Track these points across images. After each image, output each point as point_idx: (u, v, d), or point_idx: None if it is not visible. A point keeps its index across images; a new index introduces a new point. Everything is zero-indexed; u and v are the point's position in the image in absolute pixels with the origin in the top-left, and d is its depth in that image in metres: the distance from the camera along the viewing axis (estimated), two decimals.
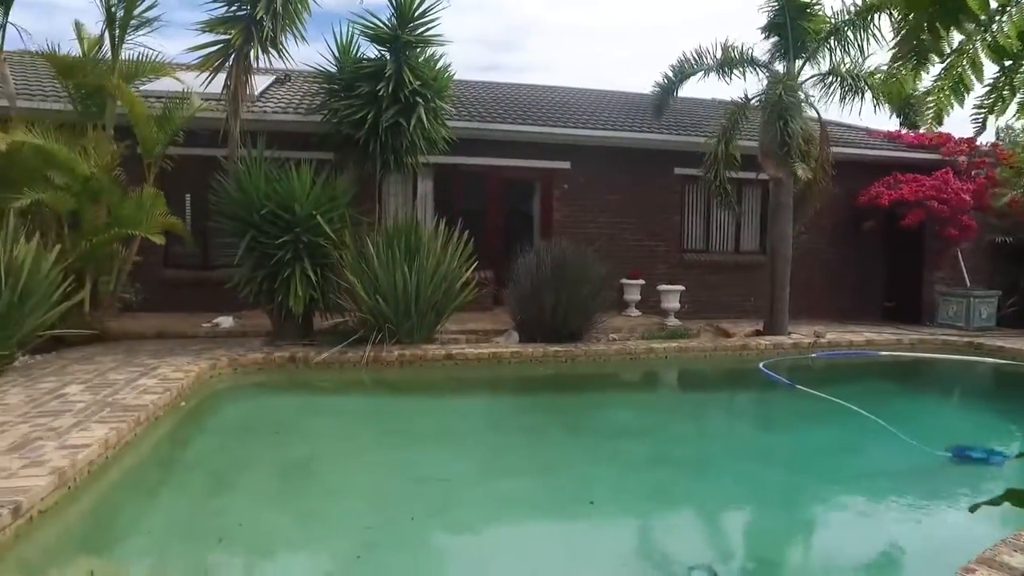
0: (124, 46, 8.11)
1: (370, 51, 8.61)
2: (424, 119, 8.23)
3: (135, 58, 8.31)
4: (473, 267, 7.95)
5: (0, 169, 6.77)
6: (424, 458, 5.08)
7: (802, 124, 8.86)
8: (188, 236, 8.35)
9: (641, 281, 10.88)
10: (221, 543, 3.47)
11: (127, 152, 7.94)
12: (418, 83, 8.05)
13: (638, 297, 10.91)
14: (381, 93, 7.82)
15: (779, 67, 9.57)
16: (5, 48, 7.72)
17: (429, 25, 8.38)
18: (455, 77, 9.18)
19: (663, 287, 10.63)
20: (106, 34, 8.01)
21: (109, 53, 8.04)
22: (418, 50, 8.42)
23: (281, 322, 7.51)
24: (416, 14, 8.20)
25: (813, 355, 8.22)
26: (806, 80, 9.54)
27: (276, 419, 5.93)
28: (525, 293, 7.95)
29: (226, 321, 8.48)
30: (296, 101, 10.45)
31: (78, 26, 8.36)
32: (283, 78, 11.59)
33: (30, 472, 3.46)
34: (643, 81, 41.96)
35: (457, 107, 10.12)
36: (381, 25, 8.19)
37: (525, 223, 12.17)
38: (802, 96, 9.19)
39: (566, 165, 11.23)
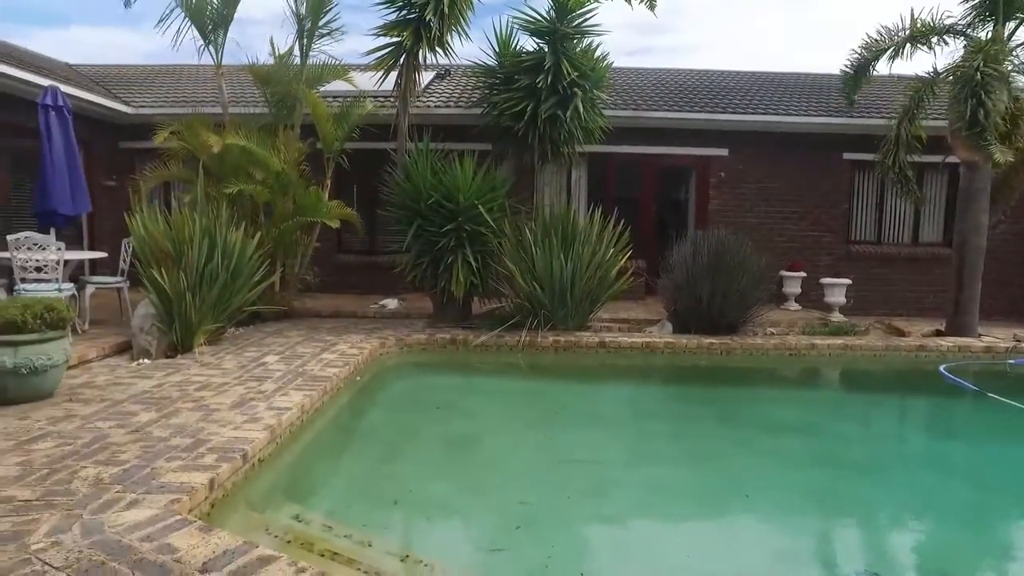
0: (310, 54, 9.00)
1: (528, 44, 8.86)
2: (581, 109, 8.34)
3: (319, 64, 9.20)
4: (627, 256, 7.96)
5: (215, 166, 7.85)
6: (577, 441, 5.22)
7: (1008, 98, 7.77)
8: (359, 224, 9.11)
9: (802, 273, 10.28)
10: (396, 505, 3.84)
11: (310, 149, 8.82)
12: (576, 74, 8.16)
13: (798, 290, 10.32)
14: (540, 85, 8.03)
15: (981, 34, 8.46)
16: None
17: (587, 15, 8.45)
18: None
19: (827, 280, 9.96)
20: (296, 44, 8.92)
21: (298, 61, 8.95)
22: (575, 41, 8.52)
23: (442, 305, 8.02)
24: (574, 5, 8.30)
25: (1012, 361, 7.32)
26: (1017, 47, 8.40)
27: (438, 396, 6.40)
28: (680, 283, 7.84)
29: (391, 303, 9.19)
30: (456, 95, 10.99)
31: (272, 42, 9.40)
32: (443, 73, 12.20)
33: (250, 427, 4.05)
34: (802, 61, 39.11)
35: (611, 95, 10.11)
36: (540, 18, 8.38)
37: (678, 212, 11.92)
38: (1010, 66, 8.08)
39: (723, 152, 10.84)
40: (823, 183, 10.86)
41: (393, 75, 8.61)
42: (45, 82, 7.99)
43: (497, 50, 9.03)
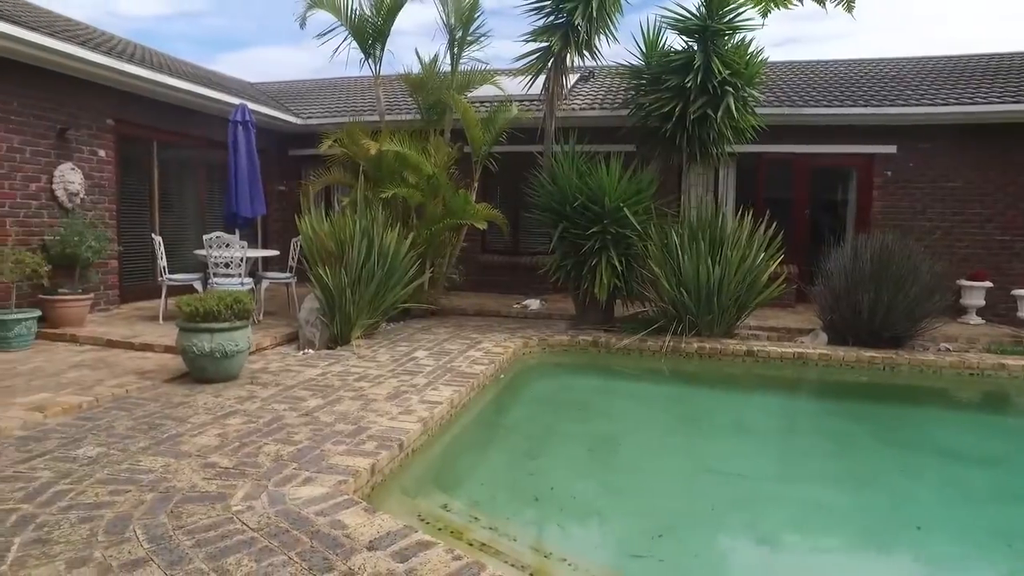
0: (460, 61, 9.39)
1: (676, 43, 8.64)
2: (733, 109, 8.01)
3: (467, 71, 9.57)
4: (778, 261, 7.53)
5: (372, 170, 8.43)
6: (722, 450, 5.03)
7: None
8: (505, 225, 9.35)
9: (987, 283, 9.15)
10: (537, 502, 3.91)
11: (458, 153, 9.19)
12: (727, 72, 7.84)
13: (982, 302, 9.21)
14: (688, 85, 7.80)
15: None
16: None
17: (739, 10, 8.10)
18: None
19: (1021, 292, 8.80)
20: (447, 53, 9.35)
21: (448, 68, 9.37)
22: (726, 37, 8.19)
23: (584, 307, 8.04)
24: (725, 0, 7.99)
25: None
26: None
27: (580, 397, 6.44)
28: (837, 291, 7.28)
29: (534, 303, 9.36)
30: (601, 97, 10.97)
31: (417, 52, 9.90)
32: (587, 75, 12.23)
33: (404, 418, 4.32)
34: (987, 38, 34.77)
35: (764, 91, 9.61)
36: (689, 15, 8.14)
37: (834, 214, 11.08)
38: None
39: (891, 149, 9.93)
40: (1015, 181, 9.60)
41: (541, 79, 8.77)
42: (236, 101, 9.00)
43: (644, 50, 8.89)
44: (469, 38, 9.26)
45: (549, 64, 8.49)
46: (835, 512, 4.02)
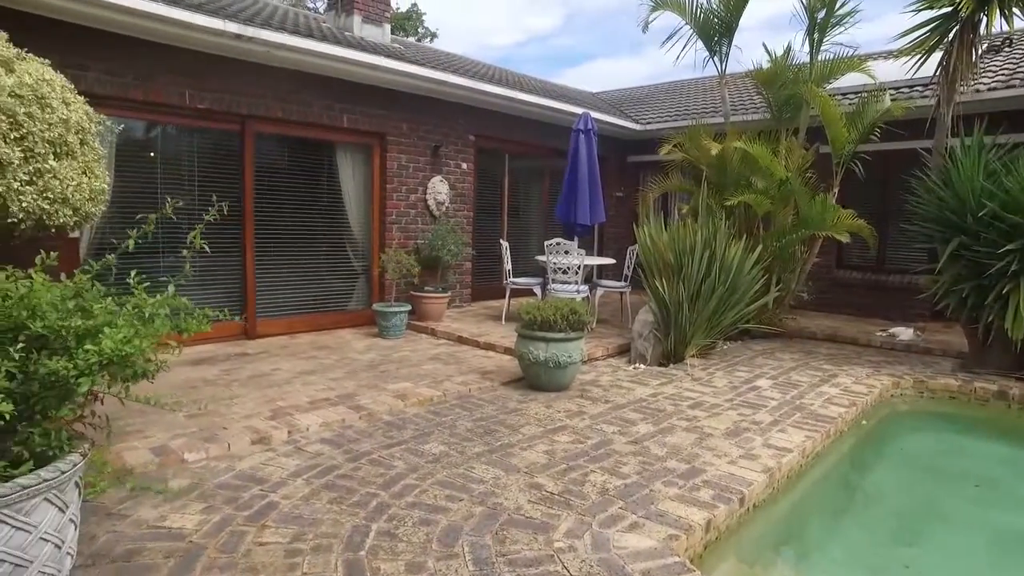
0: (820, 49, 8.16)
1: None
2: None
3: (828, 60, 8.27)
4: None
5: (714, 177, 7.82)
6: None
7: None
8: (872, 237, 7.87)
9: None
10: None
11: (815, 155, 8.00)
12: None
13: None
14: None
15: None
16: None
17: None
18: None
19: None
20: (804, 41, 8.21)
21: (803, 59, 8.22)
22: None
23: (984, 345, 6.23)
24: None
25: None
26: None
27: (973, 466, 4.92)
28: None
29: (904, 333, 7.67)
30: (1022, 71, 8.51)
31: (765, 45, 8.88)
32: (1000, 44, 9.64)
33: (745, 464, 3.72)
34: None
35: None
36: None
37: None
38: None
39: None
40: None
41: (934, 58, 7.09)
42: (579, 110, 9.27)
43: None
44: (832, 19, 7.99)
45: (951, 35, 6.78)
46: None
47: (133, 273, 2.65)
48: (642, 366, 6.26)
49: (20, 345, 2.07)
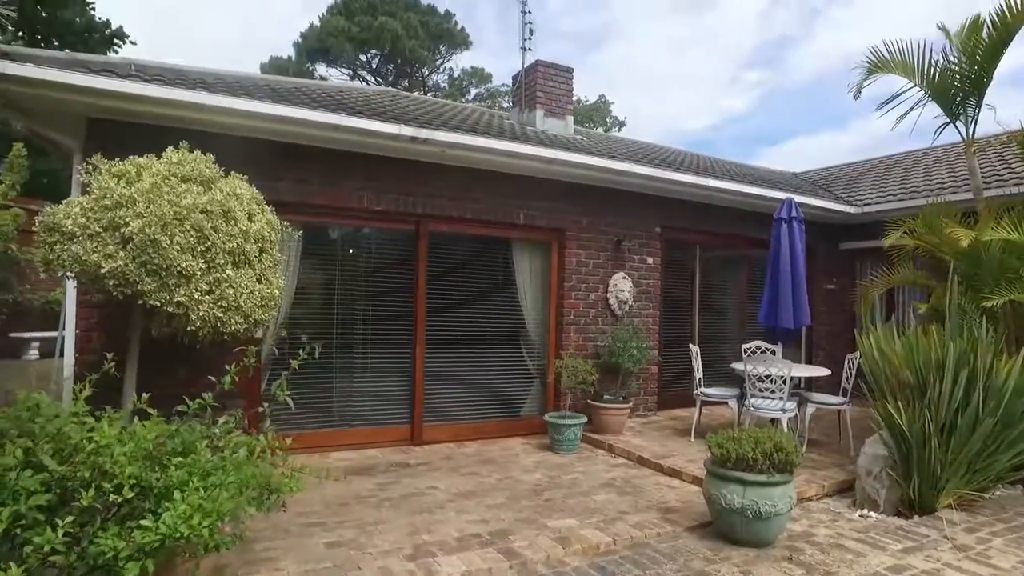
0: None
1: None
2: None
3: None
4: None
5: (964, 267, 6.25)
6: None
7: None
8: None
9: None
10: None
11: None
12: None
13: None
14: None
15: None
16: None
17: None
18: None
19: None
20: None
21: None
22: None
23: None
24: None
25: None
26: None
27: None
28: None
29: None
30: None
31: None
32: None
33: None
34: None
35: None
36: None
37: None
38: None
39: None
40: None
41: None
42: (779, 195, 8.19)
43: None
44: None
45: None
46: None
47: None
48: (873, 514, 4.84)
49: (69, 519, 1.72)
